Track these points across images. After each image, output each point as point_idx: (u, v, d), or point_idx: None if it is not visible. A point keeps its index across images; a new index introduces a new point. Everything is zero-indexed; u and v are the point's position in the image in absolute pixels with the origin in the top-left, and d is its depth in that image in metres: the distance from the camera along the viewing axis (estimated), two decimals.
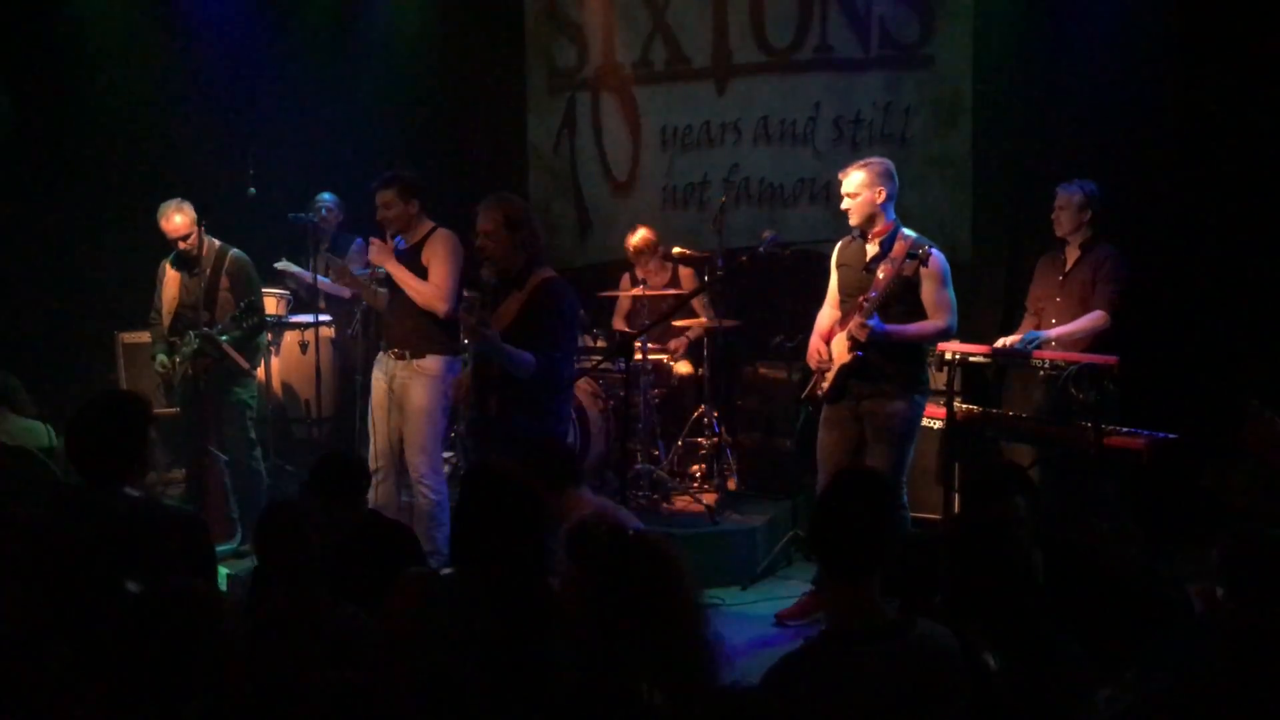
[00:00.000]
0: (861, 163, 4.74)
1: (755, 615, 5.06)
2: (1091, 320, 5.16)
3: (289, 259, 6.88)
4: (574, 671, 2.38)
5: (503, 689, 2.57)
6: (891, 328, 4.57)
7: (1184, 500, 4.85)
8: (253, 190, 6.54)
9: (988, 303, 6.23)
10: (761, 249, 4.95)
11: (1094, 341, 5.10)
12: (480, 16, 7.66)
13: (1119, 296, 5.19)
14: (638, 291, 6.26)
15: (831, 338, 4.80)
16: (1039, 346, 5.01)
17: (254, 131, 6.99)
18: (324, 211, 6.89)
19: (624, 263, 6.73)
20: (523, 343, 4.55)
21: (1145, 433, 4.59)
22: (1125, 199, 5.52)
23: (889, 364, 4.63)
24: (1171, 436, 4.58)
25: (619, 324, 6.72)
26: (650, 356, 6.17)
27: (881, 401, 4.65)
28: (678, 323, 6.44)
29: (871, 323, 4.51)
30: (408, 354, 5.12)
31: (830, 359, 4.75)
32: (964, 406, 5.17)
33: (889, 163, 4.76)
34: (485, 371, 4.72)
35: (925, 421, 5.05)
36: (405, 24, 7.57)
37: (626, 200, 7.40)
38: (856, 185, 4.68)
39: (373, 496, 5.21)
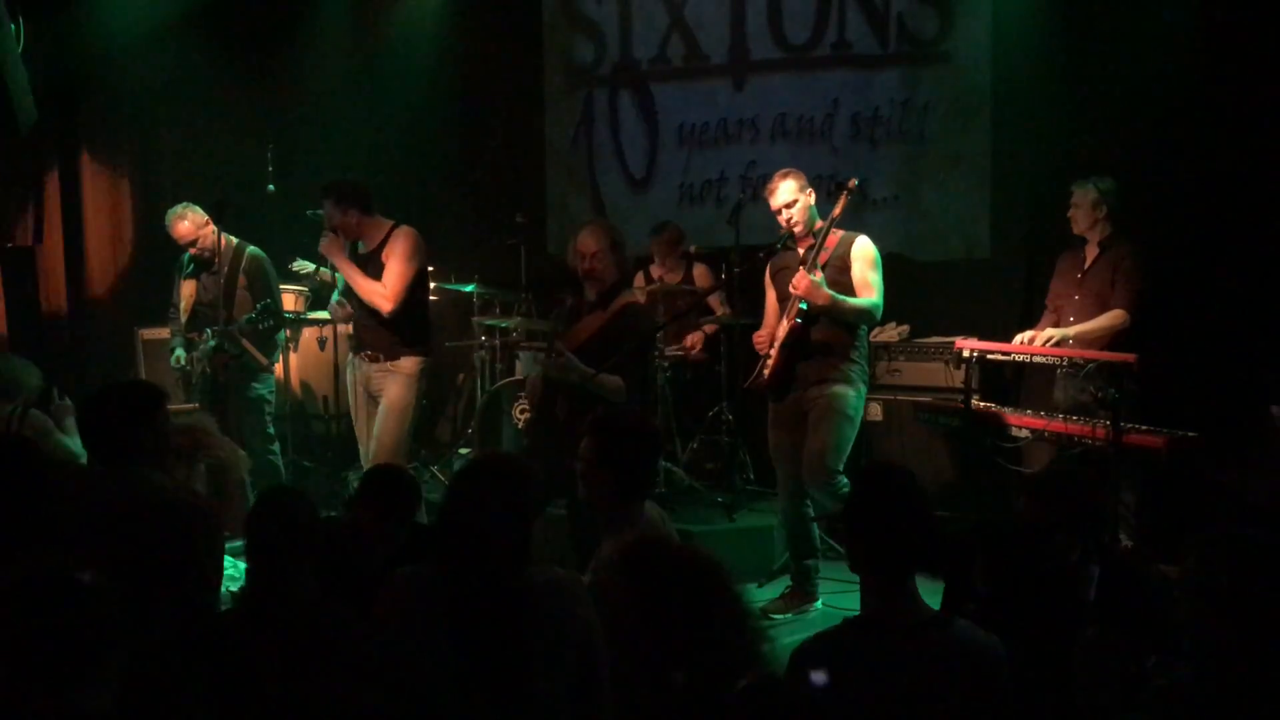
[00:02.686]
0: (782, 173, 4.82)
1: None
2: (1111, 319, 5.13)
3: (304, 258, 6.90)
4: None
5: (489, 685, 2.57)
6: (832, 293, 4.62)
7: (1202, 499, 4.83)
8: (272, 186, 6.57)
9: (1007, 299, 6.21)
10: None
11: (1113, 339, 5.07)
12: (497, 13, 7.68)
13: (1139, 295, 5.16)
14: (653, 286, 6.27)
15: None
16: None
17: (273, 128, 7.02)
18: None
19: (639, 260, 6.73)
20: (600, 359, 4.46)
21: (1165, 431, 4.57)
22: (1145, 195, 5.49)
23: (832, 353, 4.70)
24: (1191, 434, 4.54)
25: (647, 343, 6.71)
26: (668, 352, 6.18)
27: (826, 387, 4.71)
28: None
29: (814, 277, 4.57)
30: (381, 356, 5.17)
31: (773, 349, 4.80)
32: (982, 404, 5.16)
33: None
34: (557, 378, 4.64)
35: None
36: (422, 20, 7.59)
37: (643, 197, 7.41)
38: (792, 193, 4.76)
39: None
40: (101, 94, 7.20)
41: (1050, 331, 5.14)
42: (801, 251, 4.81)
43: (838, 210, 4.75)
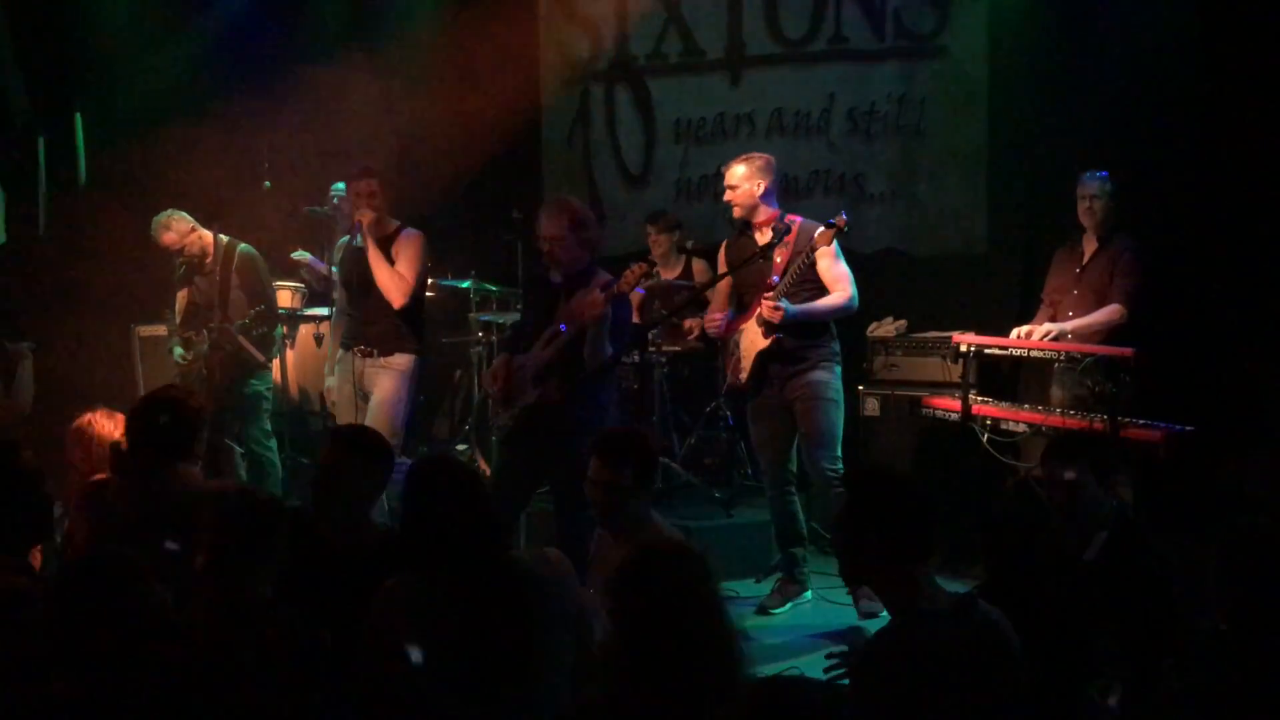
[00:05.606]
0: (743, 157, 4.90)
1: None
2: (1108, 314, 5.11)
3: (304, 250, 6.89)
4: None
5: (485, 683, 2.57)
6: (801, 307, 4.71)
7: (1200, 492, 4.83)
8: (268, 183, 6.56)
9: (1004, 294, 6.20)
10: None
11: (1111, 334, 5.06)
12: (493, 8, 7.65)
13: (1137, 290, 5.14)
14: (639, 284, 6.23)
15: (726, 324, 4.96)
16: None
17: (269, 125, 7.01)
18: (336, 201, 6.89)
19: (637, 256, 6.70)
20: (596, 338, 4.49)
21: (1162, 425, 4.56)
22: (1142, 188, 5.47)
23: (803, 343, 4.79)
24: (1188, 429, 4.54)
25: (632, 317, 6.71)
26: (665, 349, 6.17)
27: (804, 374, 4.79)
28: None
29: (783, 304, 4.65)
30: (376, 352, 5.16)
31: (738, 346, 4.89)
32: (979, 399, 5.15)
33: (770, 158, 4.88)
34: (550, 359, 4.55)
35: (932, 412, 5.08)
36: (417, 15, 7.58)
37: (640, 193, 7.40)
38: (737, 178, 4.83)
39: None
40: (97, 92, 7.18)
41: (1048, 326, 5.13)
42: (760, 238, 4.85)
43: (819, 242, 4.69)
